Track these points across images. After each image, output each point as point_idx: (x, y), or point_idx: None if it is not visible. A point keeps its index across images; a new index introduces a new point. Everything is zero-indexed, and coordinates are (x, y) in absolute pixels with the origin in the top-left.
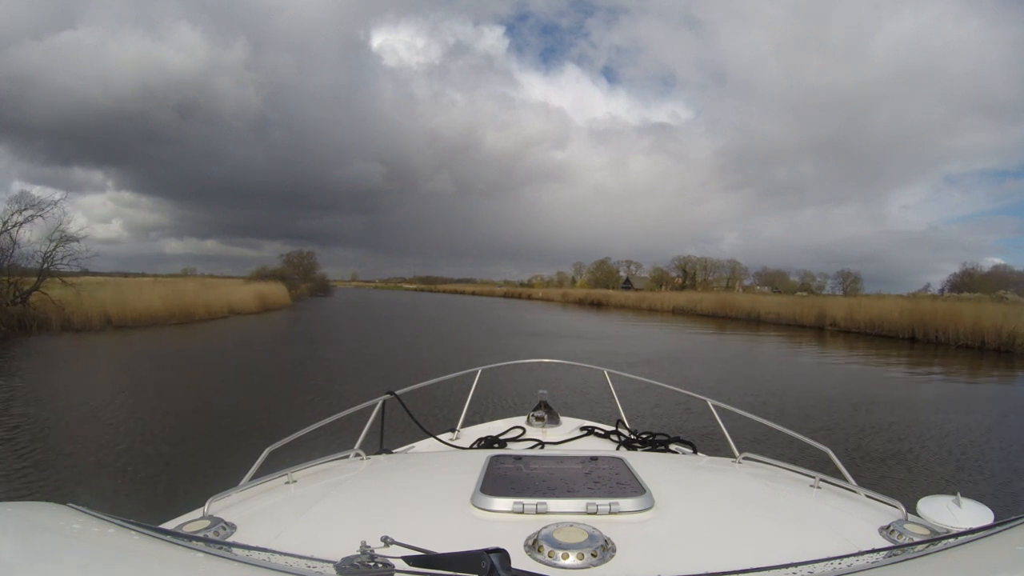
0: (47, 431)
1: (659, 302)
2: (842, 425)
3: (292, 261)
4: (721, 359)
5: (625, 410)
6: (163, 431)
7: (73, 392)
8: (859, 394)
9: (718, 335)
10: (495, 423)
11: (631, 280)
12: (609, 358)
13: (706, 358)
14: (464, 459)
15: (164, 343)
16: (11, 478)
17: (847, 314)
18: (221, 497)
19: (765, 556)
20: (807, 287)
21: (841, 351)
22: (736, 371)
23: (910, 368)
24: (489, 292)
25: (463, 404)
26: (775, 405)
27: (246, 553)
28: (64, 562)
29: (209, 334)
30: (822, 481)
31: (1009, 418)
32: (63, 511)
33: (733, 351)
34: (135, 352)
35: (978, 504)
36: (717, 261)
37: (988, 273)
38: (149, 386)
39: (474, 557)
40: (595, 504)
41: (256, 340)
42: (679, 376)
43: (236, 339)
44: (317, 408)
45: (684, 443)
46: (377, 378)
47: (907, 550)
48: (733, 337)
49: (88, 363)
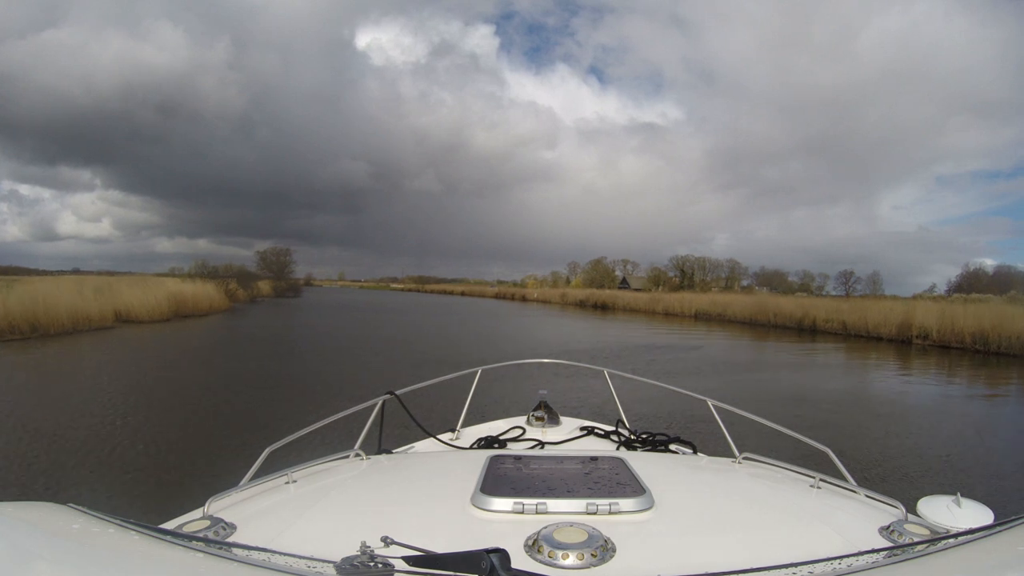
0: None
1: (677, 305)
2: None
3: (267, 259)
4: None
5: (625, 410)
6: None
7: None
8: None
9: (798, 354)
10: (495, 423)
11: (628, 280)
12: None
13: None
14: (464, 459)
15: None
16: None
17: (943, 324)
18: (221, 497)
19: (765, 556)
20: (806, 287)
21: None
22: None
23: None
24: (480, 292)
25: (463, 404)
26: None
27: (246, 553)
28: (64, 562)
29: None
30: (822, 481)
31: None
32: (63, 511)
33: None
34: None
35: (978, 504)
36: (716, 260)
37: (993, 275)
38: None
39: (474, 557)
40: (595, 504)
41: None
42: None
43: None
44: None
45: (684, 443)
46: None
47: (907, 550)
48: (822, 357)
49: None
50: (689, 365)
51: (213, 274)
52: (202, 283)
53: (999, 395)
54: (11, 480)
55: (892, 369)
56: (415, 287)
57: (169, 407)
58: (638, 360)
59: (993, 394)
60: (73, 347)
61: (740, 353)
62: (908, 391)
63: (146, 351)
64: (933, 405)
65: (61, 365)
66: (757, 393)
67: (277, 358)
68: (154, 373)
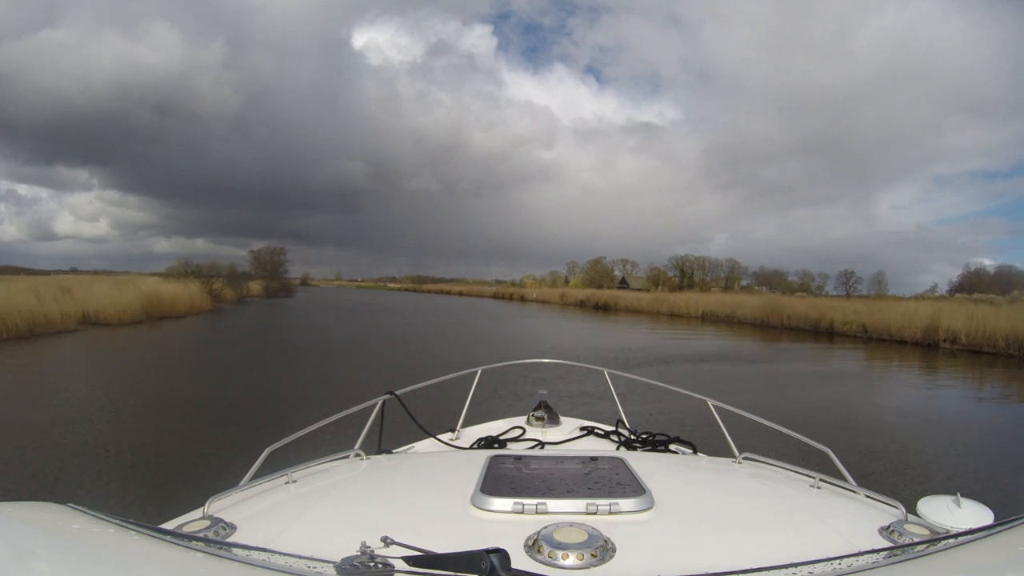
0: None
1: (683, 306)
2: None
3: (260, 258)
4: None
5: (625, 410)
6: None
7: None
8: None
9: (830, 361)
10: (495, 423)
11: (627, 280)
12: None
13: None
14: (464, 459)
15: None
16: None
17: (971, 327)
18: (221, 497)
19: (765, 556)
20: (806, 287)
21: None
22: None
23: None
24: (478, 292)
25: (463, 404)
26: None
27: (246, 553)
28: (64, 562)
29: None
30: (822, 481)
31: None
32: (63, 511)
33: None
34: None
35: (978, 504)
36: (716, 260)
37: (994, 275)
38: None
39: (474, 557)
40: (595, 504)
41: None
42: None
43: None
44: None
45: (684, 443)
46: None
47: (907, 550)
48: (853, 365)
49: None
50: (726, 379)
51: (197, 273)
52: (185, 283)
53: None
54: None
55: (944, 380)
56: (412, 287)
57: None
58: (651, 372)
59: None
60: (27, 352)
61: (771, 364)
62: (981, 410)
63: (100, 356)
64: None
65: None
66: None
67: (242, 371)
68: (105, 380)
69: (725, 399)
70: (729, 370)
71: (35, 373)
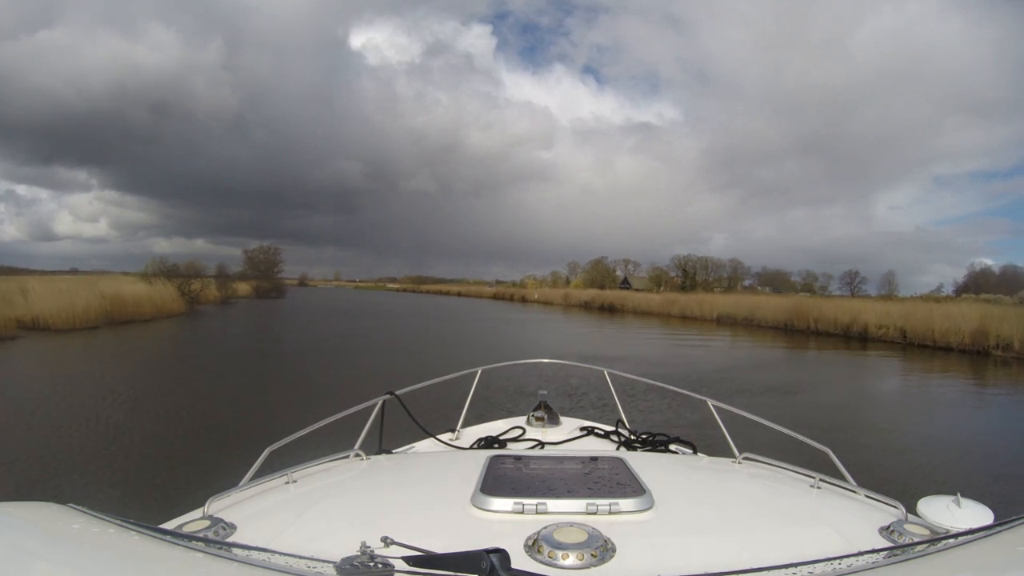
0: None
1: (695, 307)
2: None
3: (254, 258)
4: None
5: (625, 410)
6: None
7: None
8: None
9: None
10: (495, 423)
11: (629, 280)
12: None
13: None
14: (464, 459)
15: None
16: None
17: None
18: (221, 497)
19: (765, 556)
20: (809, 288)
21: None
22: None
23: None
24: (478, 293)
25: (463, 404)
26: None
27: (246, 553)
28: (64, 562)
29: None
30: (822, 481)
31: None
32: (63, 511)
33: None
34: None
35: (978, 504)
36: (718, 260)
37: (1000, 275)
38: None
39: (474, 557)
40: (595, 504)
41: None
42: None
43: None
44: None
45: (684, 443)
46: None
47: (907, 550)
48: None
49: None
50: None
51: (174, 273)
52: (156, 283)
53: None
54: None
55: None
56: (411, 287)
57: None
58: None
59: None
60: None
61: (853, 383)
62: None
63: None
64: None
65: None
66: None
67: (156, 396)
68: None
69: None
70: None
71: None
